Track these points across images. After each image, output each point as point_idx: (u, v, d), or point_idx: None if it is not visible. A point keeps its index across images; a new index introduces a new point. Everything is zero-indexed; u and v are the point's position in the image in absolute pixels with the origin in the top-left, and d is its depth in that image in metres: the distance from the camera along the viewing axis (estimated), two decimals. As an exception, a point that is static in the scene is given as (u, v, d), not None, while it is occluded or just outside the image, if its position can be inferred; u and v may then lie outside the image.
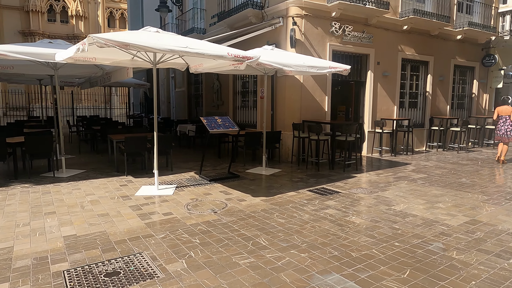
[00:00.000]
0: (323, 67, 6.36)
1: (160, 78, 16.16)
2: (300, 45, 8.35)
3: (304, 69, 6.11)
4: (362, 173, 7.33)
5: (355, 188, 6.02)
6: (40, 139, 6.57)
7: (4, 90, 30.17)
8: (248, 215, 4.55)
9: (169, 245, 3.60)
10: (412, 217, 4.50)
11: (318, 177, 6.90)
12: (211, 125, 6.54)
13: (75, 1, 31.09)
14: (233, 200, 5.24)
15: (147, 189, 5.78)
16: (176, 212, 4.66)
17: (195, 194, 5.55)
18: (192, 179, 6.59)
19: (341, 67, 6.67)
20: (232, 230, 4.03)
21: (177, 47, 4.41)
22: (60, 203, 5.00)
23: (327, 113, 8.98)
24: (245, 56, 5.08)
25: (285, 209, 4.81)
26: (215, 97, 11.79)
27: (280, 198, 5.39)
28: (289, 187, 6.04)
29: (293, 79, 8.48)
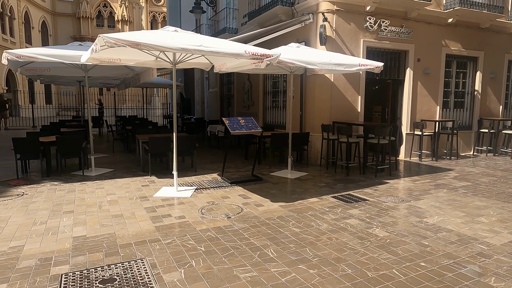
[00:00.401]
0: (351, 64, 5.92)
1: (195, 79, 16.36)
2: (331, 42, 7.92)
3: (330, 67, 5.72)
4: (396, 179, 6.76)
5: (385, 196, 5.52)
6: (69, 139, 6.80)
7: (57, 92, 32.54)
8: (262, 222, 4.29)
9: (173, 251, 3.45)
10: (446, 232, 3.98)
11: (346, 182, 6.45)
12: (233, 126, 6.36)
13: (121, 6, 32.66)
14: (250, 205, 5.00)
15: (166, 191, 5.73)
16: (189, 216, 4.52)
17: (212, 197, 5.40)
18: (214, 181, 6.45)
19: (372, 64, 6.18)
20: (241, 238, 3.80)
21: (190, 46, 4.27)
22: (81, 202, 5.08)
23: (360, 114, 8.44)
24: (263, 54, 4.83)
25: (303, 217, 4.49)
26: (245, 97, 11.64)
27: (300, 204, 5.06)
28: (313, 193, 5.69)
29: (323, 78, 8.06)
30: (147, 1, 33.70)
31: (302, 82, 8.46)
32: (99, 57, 5.94)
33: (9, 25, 24.98)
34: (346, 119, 8.24)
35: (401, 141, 9.22)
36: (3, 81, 23.77)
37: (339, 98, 8.19)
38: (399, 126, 9.23)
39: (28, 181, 6.33)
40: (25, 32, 27.64)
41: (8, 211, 4.68)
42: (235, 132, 6.24)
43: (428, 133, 8.88)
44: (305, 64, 5.51)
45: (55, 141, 6.70)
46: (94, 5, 32.57)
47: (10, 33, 25.24)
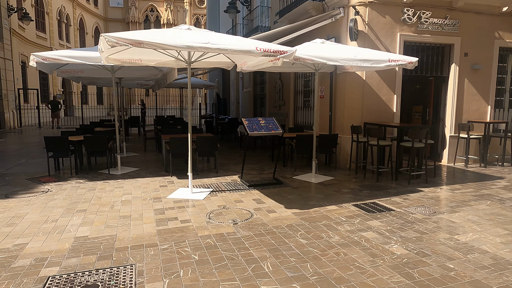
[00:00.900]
0: (379, 60, 5.39)
1: (231, 79, 16.37)
2: (362, 38, 7.36)
3: (354, 63, 5.25)
4: (432, 186, 6.07)
5: (415, 206, 4.94)
6: (96, 138, 7.00)
7: (108, 93, 34.60)
8: (268, 231, 4.00)
9: (165, 258, 3.29)
10: (479, 253, 3.39)
11: (374, 189, 5.92)
12: (252, 126, 6.12)
13: (167, 10, 33.88)
14: (262, 211, 4.72)
15: (181, 192, 5.64)
16: (195, 220, 4.35)
17: (226, 201, 5.20)
18: (232, 183, 6.25)
19: (404, 60, 5.58)
20: (240, 248, 3.54)
21: (196, 43, 4.10)
22: (96, 201, 5.14)
23: (396, 115, 7.77)
24: (277, 51, 4.52)
25: (315, 227, 4.12)
26: (277, 97, 11.34)
27: (316, 212, 4.68)
28: (333, 199, 5.26)
29: (354, 76, 7.53)
30: (191, 4, 34.62)
31: (332, 81, 7.98)
32: (120, 58, 6.02)
33: (65, 31, 26.96)
34: (379, 120, 7.63)
35: (444, 145, 8.36)
36: (60, 84, 25.70)
37: (372, 98, 7.60)
38: (441, 128, 8.38)
39: (57, 178, 6.60)
40: (80, 37, 29.70)
41: (29, 207, 4.86)
42: (253, 133, 5.99)
43: (475, 136, 7.94)
44: (325, 60, 5.10)
45: (83, 140, 6.93)
46: (142, 10, 34.15)
47: (66, 39, 27.24)
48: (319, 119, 8.68)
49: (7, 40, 17.33)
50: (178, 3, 34.53)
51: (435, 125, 8.53)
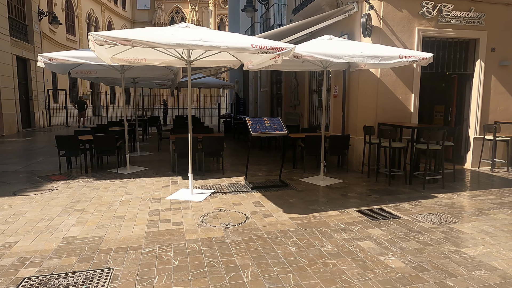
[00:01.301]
0: (389, 56, 5.04)
1: (249, 78, 16.24)
2: (377, 33, 6.98)
3: (361, 60, 4.93)
4: (449, 192, 5.63)
5: (424, 213, 4.57)
6: (104, 138, 7.07)
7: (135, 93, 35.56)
8: (259, 236, 3.81)
9: (145, 263, 3.19)
10: (486, 270, 3.03)
11: (384, 193, 5.56)
12: (256, 127, 5.94)
13: (191, 11, 34.32)
14: (259, 215, 4.54)
15: (182, 193, 5.56)
16: (187, 223, 4.23)
17: (224, 203, 5.05)
18: (236, 185, 6.10)
19: (416, 55, 5.20)
20: (224, 254, 3.37)
21: (187, 41, 3.97)
22: (96, 201, 5.16)
23: (413, 115, 7.31)
24: (274, 47, 4.32)
25: (309, 234, 3.88)
26: (292, 96, 11.08)
27: (314, 217, 4.43)
28: (337, 204, 4.98)
29: (368, 74, 7.16)
30: (215, 5, 34.87)
31: (344, 79, 7.64)
32: (124, 58, 6.03)
33: (94, 34, 27.89)
34: (395, 120, 7.21)
35: (467, 147, 7.78)
36: (88, 85, 26.66)
37: (387, 97, 7.19)
38: (465, 129, 7.82)
39: (67, 177, 6.73)
40: (108, 39, 30.63)
41: (31, 205, 4.94)
42: (256, 134, 5.81)
43: (503, 138, 7.32)
44: (328, 57, 4.82)
45: (91, 139, 7.04)
46: (167, 12, 34.81)
47: (95, 41, 28.17)
48: (333, 120, 8.37)
49: (38, 43, 18.14)
50: (203, 4, 34.89)
51: (458, 126, 7.96)
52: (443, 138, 5.77)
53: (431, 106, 8.63)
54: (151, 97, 35.68)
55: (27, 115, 17.48)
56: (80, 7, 24.87)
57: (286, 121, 11.89)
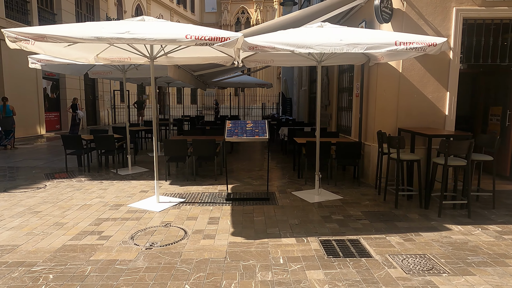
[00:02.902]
0: (378, 44, 3.87)
1: (294, 77, 15.31)
2: (399, 18, 5.67)
3: (337, 49, 3.88)
4: (473, 224, 4.19)
5: (410, 254, 3.38)
6: (104, 138, 7.07)
7: (201, 93, 36.99)
8: (169, 265, 3.16)
9: (15, 285, 2.81)
10: None
11: (380, 219, 4.39)
12: (234, 130, 5.24)
13: (256, 11, 34.33)
14: (200, 235, 3.87)
15: (148, 201, 5.15)
16: (114, 239, 3.78)
17: (178, 216, 4.49)
18: (214, 195, 5.48)
19: (421, 41, 3.92)
20: (104, 285, 2.81)
21: (108, 34, 3.50)
22: (62, 203, 5.04)
23: (449, 119, 5.78)
24: (214, 38, 3.61)
25: (230, 268, 3.10)
26: (323, 96, 9.96)
27: (260, 245, 3.60)
28: (305, 229, 4.04)
29: (387, 68, 5.87)
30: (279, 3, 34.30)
31: (362, 76, 6.44)
32: (108, 57, 5.89)
33: (163, 37, 29.68)
34: (423, 125, 5.80)
35: (531, 162, 5.91)
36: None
37: (411, 96, 5.80)
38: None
39: (69, 175, 6.89)
40: (177, 42, 32.34)
41: (5, 203, 5.04)
42: (231, 139, 5.11)
43: None
44: (293, 47, 3.87)
45: (93, 139, 7.10)
46: (233, 13, 35.38)
47: (164, 44, 29.98)
48: (354, 123, 7.18)
49: (105, 47, 19.81)
50: (268, 3, 34.61)
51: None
52: (468, 150, 4.32)
53: (486, 107, 6.82)
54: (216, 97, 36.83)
55: (94, 114, 19.23)
56: (149, 13, 26.62)
57: (318, 123, 10.79)
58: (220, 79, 12.48)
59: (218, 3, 35.35)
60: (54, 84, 15.76)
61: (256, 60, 6.19)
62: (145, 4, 25.94)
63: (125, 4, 23.05)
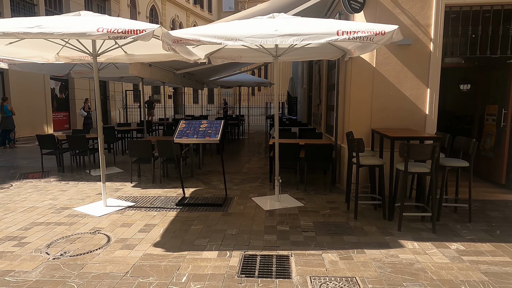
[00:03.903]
0: (317, 34, 3.40)
1: (298, 75, 14.76)
2: (372, 8, 5.12)
3: (270, 40, 3.45)
4: (432, 240, 3.62)
5: (338, 277, 2.90)
6: (76, 138, 6.97)
7: (218, 93, 37.02)
8: (64, 279, 2.89)
9: None
10: None
11: (330, 231, 3.91)
12: (185, 131, 4.92)
13: (273, 9, 33.81)
14: (121, 244, 3.58)
15: (95, 205, 4.93)
16: (28, 246, 3.57)
17: (114, 222, 4.23)
18: (168, 200, 5.19)
19: (368, 30, 3.40)
20: (-26, 300, 2.59)
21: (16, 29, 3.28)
22: (12, 205, 4.94)
23: (430, 118, 5.16)
24: (127, 30, 3.31)
25: (123, 285, 2.78)
26: (316, 94, 9.43)
27: (176, 258, 3.26)
28: (237, 242, 3.65)
29: (361, 62, 5.34)
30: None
31: (338, 72, 5.92)
32: (69, 55, 5.75)
33: (179, 38, 29.87)
34: (401, 126, 5.22)
35: (528, 168, 5.16)
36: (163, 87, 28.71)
37: (387, 93, 5.23)
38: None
39: (42, 175, 6.85)
40: (194, 42, 32.47)
41: (-43, 204, 5.02)
42: (180, 140, 4.79)
43: None
44: (221, 40, 3.49)
45: (66, 139, 7.03)
46: (251, 11, 35.11)
47: (181, 45, 30.16)
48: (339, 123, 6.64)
49: (117, 48, 20.13)
50: (285, 0, 34.01)
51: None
52: (432, 155, 3.74)
53: (483, 105, 6.07)
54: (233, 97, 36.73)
55: (105, 113, 19.59)
56: (164, 14, 26.87)
57: (313, 123, 10.27)
58: (216, 78, 12.22)
59: (235, 2, 35.21)
60: (63, 85, 16.16)
61: (223, 57, 5.85)
62: (160, 5, 26.20)
63: (139, 5, 23.36)
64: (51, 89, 15.17)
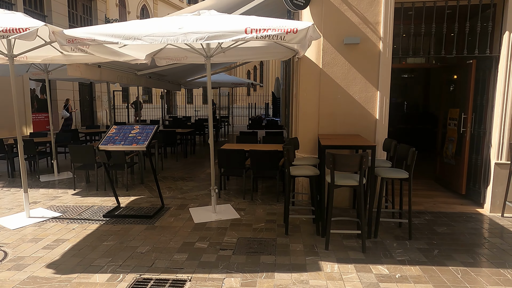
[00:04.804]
0: (223, 33, 3.05)
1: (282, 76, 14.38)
2: (318, 4, 4.75)
3: (170, 39, 3.09)
4: (357, 262, 3.25)
5: (222, 308, 2.55)
6: (26, 142, 6.66)
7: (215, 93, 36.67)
8: None
9: None
10: None
11: (252, 249, 3.56)
12: (113, 137, 4.59)
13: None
14: (9, 264, 3.26)
15: (16, 216, 4.61)
16: None
17: (24, 237, 3.91)
18: (100, 209, 4.86)
19: (279, 27, 3.04)
20: None
21: None
22: None
23: (380, 123, 4.77)
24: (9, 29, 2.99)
25: (-25, 318, 2.45)
26: (288, 96, 9.06)
27: (59, 283, 2.92)
28: (140, 262, 3.31)
29: (308, 63, 4.97)
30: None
31: (291, 73, 5.56)
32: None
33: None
34: (352, 131, 4.84)
35: (487, 179, 4.74)
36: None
37: (334, 96, 4.85)
38: (485, 149, 4.82)
39: (-10, 181, 6.58)
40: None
41: None
42: (105, 147, 4.45)
43: (548, 167, 4.15)
44: (119, 39, 3.14)
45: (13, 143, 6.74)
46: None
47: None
48: (293, 127, 6.27)
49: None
50: None
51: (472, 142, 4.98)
52: (360, 167, 3.36)
53: (447, 109, 5.67)
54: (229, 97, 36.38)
55: (91, 114, 19.37)
56: (156, 13, 26.62)
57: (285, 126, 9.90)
58: (194, 78, 11.88)
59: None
60: (44, 86, 15.93)
61: (168, 57, 5.55)
62: (152, 4, 25.95)
63: (129, 4, 23.10)
64: (31, 90, 14.95)
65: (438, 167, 5.89)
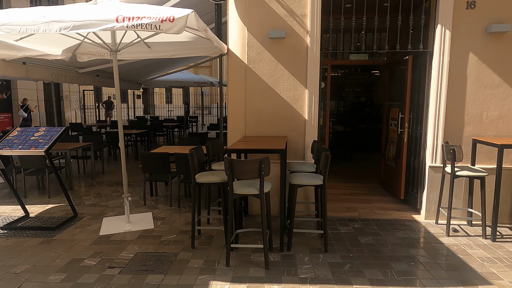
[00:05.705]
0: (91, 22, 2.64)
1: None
2: (241, -6, 4.37)
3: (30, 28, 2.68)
4: (254, 281, 2.88)
5: None
6: None
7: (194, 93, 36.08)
8: None
9: None
10: None
11: (145, 266, 3.16)
12: (12, 141, 4.14)
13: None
14: None
15: None
16: None
17: None
18: (6, 220, 4.40)
19: (155, 15, 2.65)
20: None
21: None
22: None
23: (309, 124, 4.42)
24: None
25: None
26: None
27: None
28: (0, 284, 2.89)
29: (234, 59, 4.58)
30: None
31: (220, 70, 5.17)
32: None
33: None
34: (282, 132, 4.49)
35: (422, 185, 4.44)
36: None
37: (261, 95, 4.49)
38: (422, 151, 4.52)
39: None
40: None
41: None
42: (2, 152, 4.00)
43: (480, 171, 3.83)
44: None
45: None
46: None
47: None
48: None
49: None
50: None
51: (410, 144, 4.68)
52: (259, 174, 2.99)
53: (389, 108, 5.37)
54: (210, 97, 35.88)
55: (59, 114, 18.68)
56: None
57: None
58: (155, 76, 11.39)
59: None
60: (4, 84, 15.23)
61: (90, 53, 5.11)
62: None
63: None
64: (-12, 90, 14.26)
65: (383, 170, 5.59)
